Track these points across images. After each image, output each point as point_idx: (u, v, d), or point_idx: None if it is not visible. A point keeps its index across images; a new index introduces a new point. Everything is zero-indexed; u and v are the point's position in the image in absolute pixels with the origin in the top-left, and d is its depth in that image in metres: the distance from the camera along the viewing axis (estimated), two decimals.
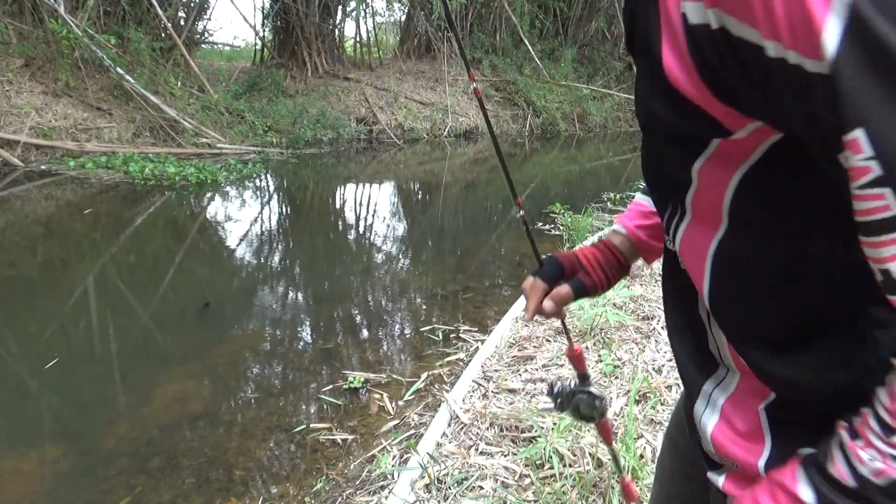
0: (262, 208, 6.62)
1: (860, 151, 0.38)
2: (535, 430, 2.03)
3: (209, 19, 13.77)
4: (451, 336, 3.15)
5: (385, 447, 2.18)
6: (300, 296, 3.91)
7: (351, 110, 11.35)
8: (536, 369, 2.56)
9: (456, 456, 2.00)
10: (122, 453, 2.21)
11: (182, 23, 10.38)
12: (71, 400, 2.59)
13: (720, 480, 0.63)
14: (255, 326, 3.39)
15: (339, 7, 12.61)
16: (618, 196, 6.46)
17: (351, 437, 2.29)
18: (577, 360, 0.91)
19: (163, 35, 9.53)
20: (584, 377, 0.91)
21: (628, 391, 2.27)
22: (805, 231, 0.48)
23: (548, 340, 2.82)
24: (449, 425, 2.20)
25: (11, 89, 7.95)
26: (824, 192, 0.45)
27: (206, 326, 3.36)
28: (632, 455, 1.79)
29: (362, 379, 2.68)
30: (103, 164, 7.62)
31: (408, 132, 11.71)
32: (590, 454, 1.88)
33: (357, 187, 7.89)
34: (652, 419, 2.10)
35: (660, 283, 1.89)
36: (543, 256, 0.84)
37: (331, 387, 2.66)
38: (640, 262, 0.88)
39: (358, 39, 13.40)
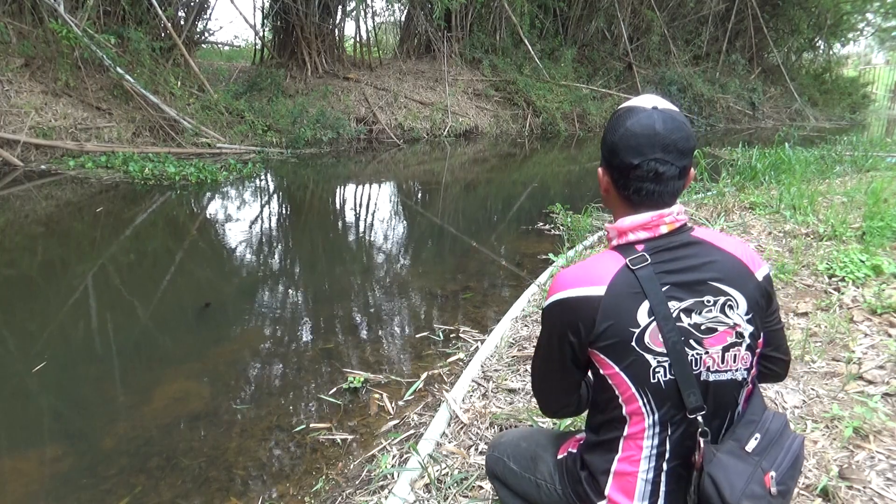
0: (262, 208, 6.62)
1: None
2: None
3: (209, 19, 13.74)
4: (451, 336, 3.15)
5: (385, 447, 2.18)
6: (300, 295, 3.91)
7: (351, 110, 11.34)
8: None
9: (456, 456, 2.00)
10: (121, 453, 2.21)
11: (182, 22, 10.37)
12: (71, 399, 2.59)
13: None
14: (255, 326, 3.39)
15: (339, 7, 12.61)
16: None
17: (351, 437, 2.29)
18: None
19: (163, 35, 9.53)
20: None
21: None
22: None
23: None
24: (449, 425, 2.20)
25: (11, 89, 7.95)
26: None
27: (207, 326, 3.36)
28: None
29: (362, 379, 2.68)
30: (103, 163, 7.63)
31: (408, 132, 11.71)
32: None
33: (357, 187, 7.90)
34: None
35: None
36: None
37: (331, 387, 2.66)
38: None
39: (358, 39, 13.40)
